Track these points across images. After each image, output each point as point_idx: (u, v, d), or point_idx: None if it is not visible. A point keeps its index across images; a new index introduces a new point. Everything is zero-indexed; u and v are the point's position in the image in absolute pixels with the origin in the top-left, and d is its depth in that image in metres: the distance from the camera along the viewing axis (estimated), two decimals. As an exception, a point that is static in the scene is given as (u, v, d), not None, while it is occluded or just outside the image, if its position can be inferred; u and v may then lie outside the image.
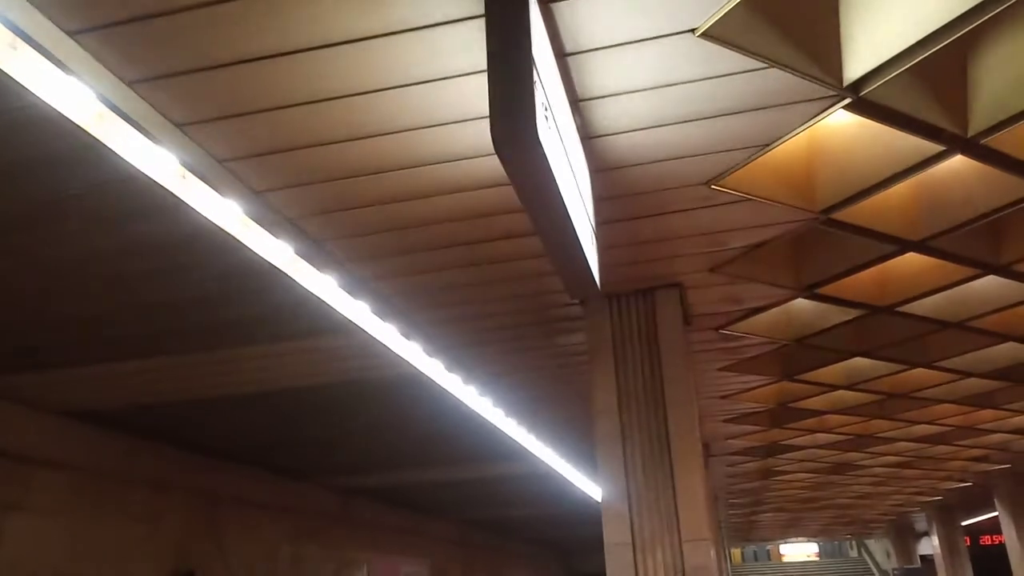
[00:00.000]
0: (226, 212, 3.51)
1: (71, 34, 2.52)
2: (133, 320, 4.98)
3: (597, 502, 4.63)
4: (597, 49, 2.81)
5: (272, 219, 3.72)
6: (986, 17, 2.70)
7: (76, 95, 2.67)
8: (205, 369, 5.89)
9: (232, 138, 3.14)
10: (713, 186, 3.77)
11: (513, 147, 2.18)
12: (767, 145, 3.49)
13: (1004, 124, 3.38)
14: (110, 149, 2.91)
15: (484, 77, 2.22)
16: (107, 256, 4.08)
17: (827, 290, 5.19)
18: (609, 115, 3.19)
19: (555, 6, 2.57)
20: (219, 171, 3.31)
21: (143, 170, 3.06)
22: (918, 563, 24.08)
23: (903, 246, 4.56)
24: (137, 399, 6.51)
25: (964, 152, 3.61)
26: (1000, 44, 3.23)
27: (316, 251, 4.11)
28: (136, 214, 3.61)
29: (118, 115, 2.80)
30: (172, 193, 3.24)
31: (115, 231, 3.80)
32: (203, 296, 4.65)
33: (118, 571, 7.28)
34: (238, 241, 3.72)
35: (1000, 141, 3.54)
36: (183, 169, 3.17)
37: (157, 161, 3.07)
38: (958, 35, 2.76)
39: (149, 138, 2.96)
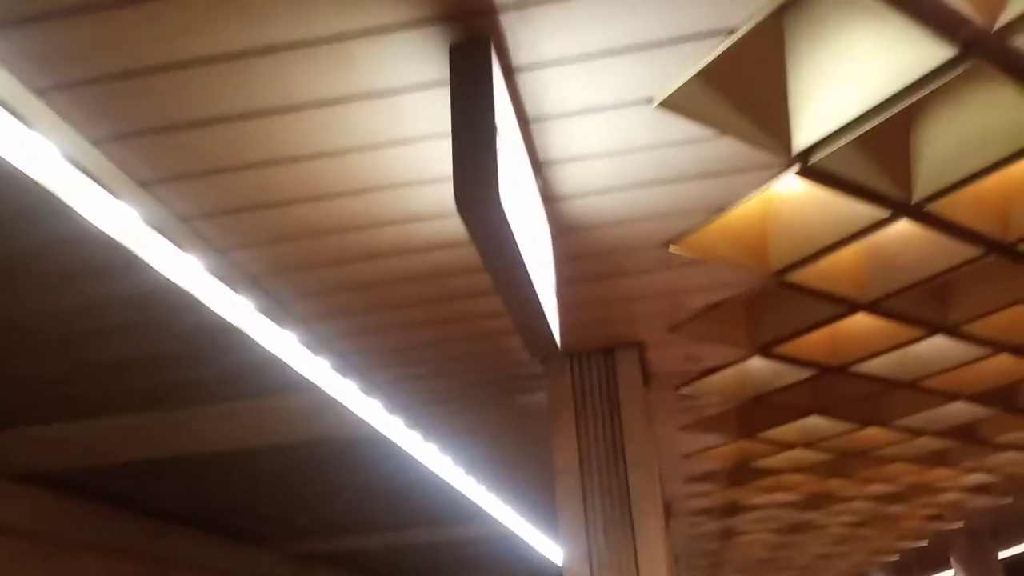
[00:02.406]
0: (187, 270, 3.49)
1: (38, 92, 2.53)
2: (89, 379, 4.88)
3: (558, 567, 4.58)
4: (559, 116, 2.90)
5: (233, 277, 3.71)
6: (928, 90, 2.85)
7: (39, 152, 2.66)
8: (161, 430, 5.77)
9: (195, 197, 3.14)
10: (671, 248, 3.86)
11: (475, 208, 2.23)
12: (722, 209, 3.61)
13: (946, 191, 3.54)
14: (71, 207, 2.90)
15: (448, 141, 2.29)
16: (65, 314, 4.02)
17: (781, 350, 5.29)
18: (570, 178, 3.28)
19: (519, 76, 2.66)
20: (181, 229, 3.30)
21: (104, 228, 3.05)
22: (879, 624, 23.95)
23: (853, 307, 4.69)
24: (89, 461, 6.33)
25: (909, 217, 3.76)
26: (941, 115, 3.41)
27: (277, 309, 4.09)
28: (96, 272, 3.57)
29: (81, 172, 2.80)
30: (132, 252, 3.22)
31: (75, 289, 3.75)
32: (162, 354, 4.59)
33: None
34: (198, 300, 3.69)
35: (942, 207, 3.70)
36: (145, 227, 3.16)
37: (119, 219, 3.06)
38: (901, 107, 2.91)
39: (112, 195, 2.95)
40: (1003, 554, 14.95)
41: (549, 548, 11.49)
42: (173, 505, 8.08)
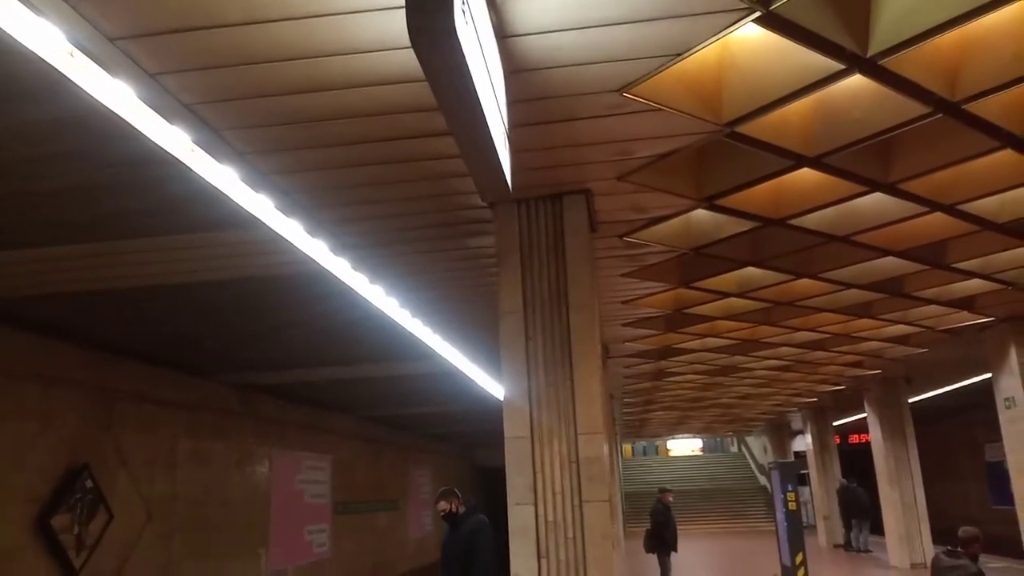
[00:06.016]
0: (117, 95, 3.30)
1: None
2: (21, 207, 4.70)
3: (500, 401, 4.78)
4: (515, -56, 2.73)
5: (167, 105, 3.53)
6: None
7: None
8: (100, 261, 5.66)
9: (123, 14, 2.93)
10: (624, 94, 3.80)
11: (428, 38, 2.13)
12: (679, 55, 3.53)
13: (901, 46, 3.52)
14: (-12, 21, 2.68)
15: (397, -35, 2.15)
16: (-12, 137, 3.80)
17: (726, 202, 5.38)
18: (525, 13, 3.14)
19: None
20: (109, 50, 3.10)
21: (27, 45, 2.84)
22: (792, 458, 26.07)
23: (799, 161, 4.75)
24: (25, 291, 6.21)
25: (862, 71, 3.75)
26: (904, -33, 3.33)
27: (215, 141, 3.94)
28: (19, 95, 3.36)
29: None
30: (59, 71, 3.02)
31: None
32: (98, 184, 4.42)
33: (10, 466, 7.10)
34: (131, 127, 3.51)
35: (896, 63, 3.69)
36: (70, 47, 2.95)
37: (43, 37, 2.84)
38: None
39: (33, 11, 2.73)
40: (913, 399, 16.14)
41: (491, 384, 11.98)
42: (116, 337, 8.08)
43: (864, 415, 16.80)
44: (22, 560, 7.18)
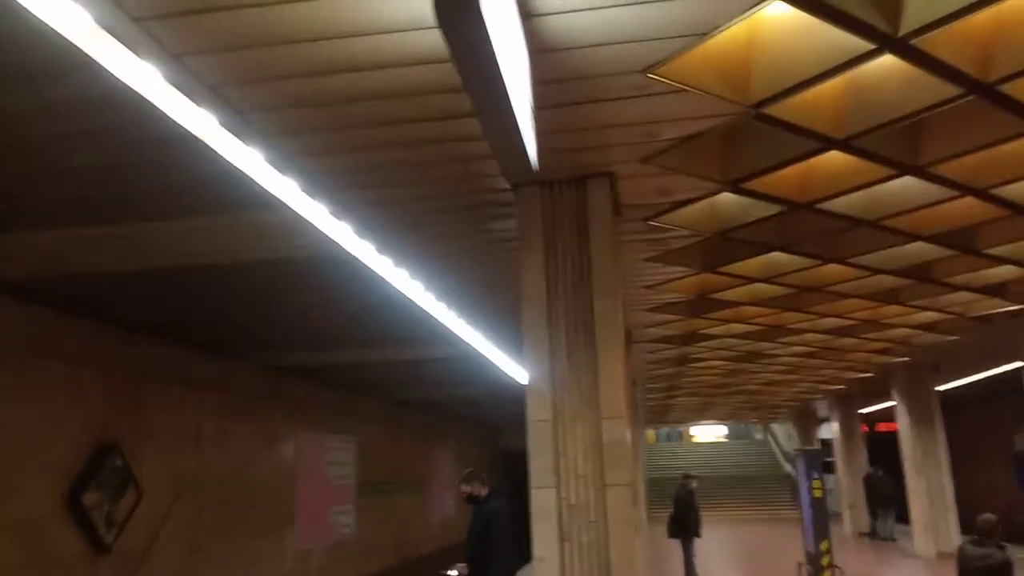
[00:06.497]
0: (143, 76, 3.32)
1: None
2: (47, 187, 4.77)
3: (523, 385, 4.79)
4: (539, -79, 2.70)
5: (192, 86, 3.55)
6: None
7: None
8: (127, 241, 5.72)
9: (148, -5, 2.95)
10: (649, 75, 3.75)
11: (455, 17, 2.12)
12: (705, 34, 3.48)
13: (933, 25, 3.44)
14: (16, 1, 2.70)
15: (420, -57, 2.14)
16: (14, 117, 3.85)
17: (752, 185, 5.31)
18: (549, -7, 3.11)
19: None
20: (134, 30, 3.12)
21: (53, 25, 2.86)
22: (818, 446, 25.89)
23: (827, 144, 4.67)
24: (55, 270, 6.29)
25: (893, 51, 3.67)
26: (939, -57, 3.24)
27: (240, 123, 3.96)
28: (45, 73, 3.39)
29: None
30: (84, 52, 3.04)
31: (23, 90, 3.57)
32: (124, 164, 4.47)
33: (40, 442, 7.25)
34: (156, 108, 3.54)
35: (928, 42, 3.61)
36: (96, 27, 2.97)
37: (68, 16, 2.86)
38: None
39: (58, -10, 2.75)
40: (941, 387, 15.92)
41: (515, 369, 12.00)
42: (144, 317, 8.19)
43: (892, 403, 16.61)
44: (54, 535, 7.35)
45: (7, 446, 6.91)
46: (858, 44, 3.60)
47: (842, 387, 18.56)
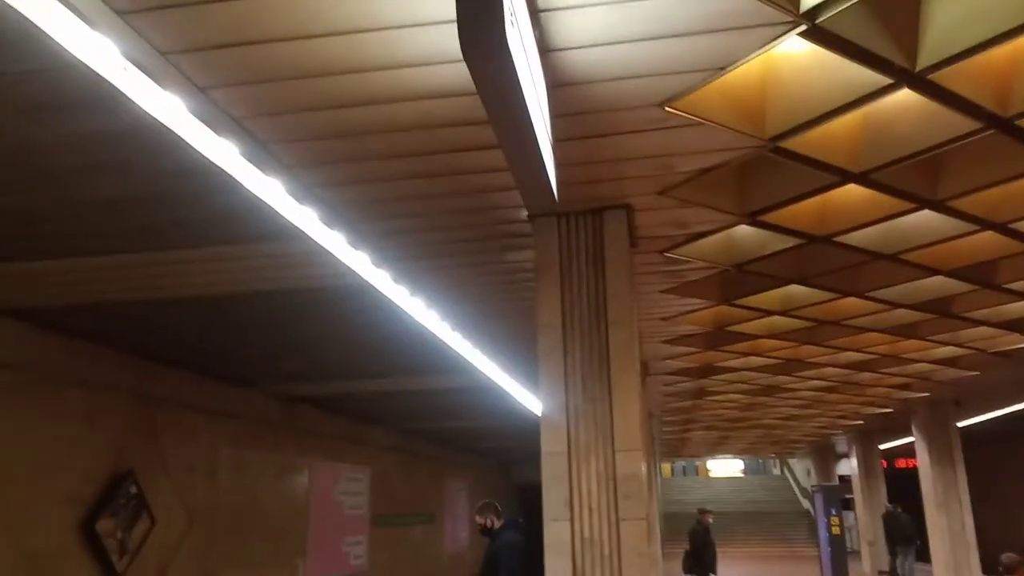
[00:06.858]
0: (168, 108, 3.39)
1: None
2: (69, 216, 4.84)
3: (537, 417, 4.77)
4: (558, -41, 2.75)
5: (216, 118, 3.61)
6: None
7: (7, -26, 2.51)
8: (145, 271, 5.79)
9: (175, 29, 3.01)
10: (666, 108, 3.78)
11: (482, 52, 2.14)
12: (722, 69, 3.50)
13: (950, 60, 3.45)
14: (47, 34, 2.76)
15: (445, -21, 2.17)
16: (40, 148, 3.92)
17: (769, 218, 5.31)
18: (568, 28, 3.15)
19: (517, -90, 2.49)
20: (161, 64, 3.18)
21: (81, 58, 2.93)
22: (836, 482, 25.49)
23: (845, 177, 4.67)
24: (73, 299, 6.37)
25: (910, 86, 3.68)
26: (953, -20, 3.27)
27: (262, 154, 4.02)
28: (74, 105, 3.46)
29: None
30: (111, 85, 3.11)
31: (50, 122, 3.64)
32: (146, 195, 4.53)
33: (55, 468, 7.28)
34: (180, 139, 3.60)
35: (945, 77, 3.62)
36: (124, 60, 3.04)
37: (96, 50, 2.93)
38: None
39: (89, 25, 2.82)
40: (962, 423, 15.68)
41: (529, 399, 11.94)
42: (160, 346, 8.25)
43: (911, 439, 16.36)
44: (67, 562, 7.34)
45: (24, 471, 6.94)
46: (875, 79, 3.62)
47: (861, 422, 18.32)
